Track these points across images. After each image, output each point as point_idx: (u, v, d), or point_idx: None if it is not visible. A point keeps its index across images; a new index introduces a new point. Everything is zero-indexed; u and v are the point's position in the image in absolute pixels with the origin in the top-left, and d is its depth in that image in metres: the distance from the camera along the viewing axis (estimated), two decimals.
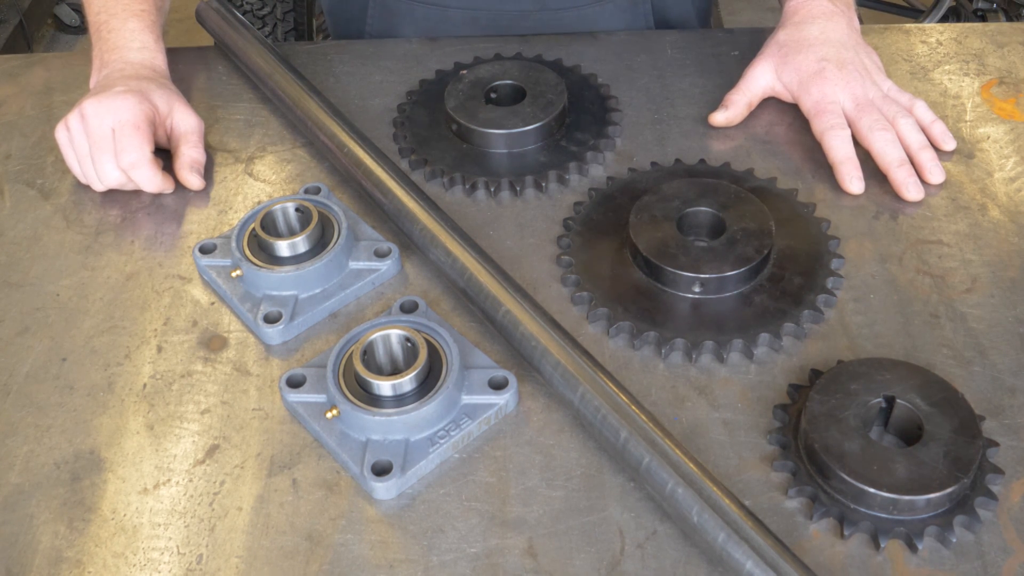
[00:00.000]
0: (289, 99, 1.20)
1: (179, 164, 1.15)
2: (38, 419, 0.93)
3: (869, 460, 0.81)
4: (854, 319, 0.97)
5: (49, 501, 0.86)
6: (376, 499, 0.85)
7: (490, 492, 0.85)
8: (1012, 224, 1.06)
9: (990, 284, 1.00)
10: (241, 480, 0.87)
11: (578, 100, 1.21)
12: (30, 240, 1.11)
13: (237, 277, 1.01)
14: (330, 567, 0.81)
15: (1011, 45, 1.29)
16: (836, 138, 1.12)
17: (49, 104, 1.30)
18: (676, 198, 1.03)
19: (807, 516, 0.82)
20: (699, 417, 0.90)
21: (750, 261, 0.97)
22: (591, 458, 0.87)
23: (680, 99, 1.24)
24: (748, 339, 0.94)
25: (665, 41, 1.33)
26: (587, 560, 0.80)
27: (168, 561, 0.82)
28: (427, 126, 1.20)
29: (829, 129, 1.12)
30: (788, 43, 1.18)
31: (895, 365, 0.87)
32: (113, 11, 1.22)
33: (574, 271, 1.02)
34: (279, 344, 0.98)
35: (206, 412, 0.93)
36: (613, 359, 0.95)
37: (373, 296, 1.03)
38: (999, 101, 1.21)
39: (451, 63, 1.29)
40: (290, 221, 1.04)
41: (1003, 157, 1.14)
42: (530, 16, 1.38)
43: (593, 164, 1.15)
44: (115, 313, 1.02)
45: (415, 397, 0.87)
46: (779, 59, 1.18)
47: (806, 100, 1.16)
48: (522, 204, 1.12)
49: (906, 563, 0.79)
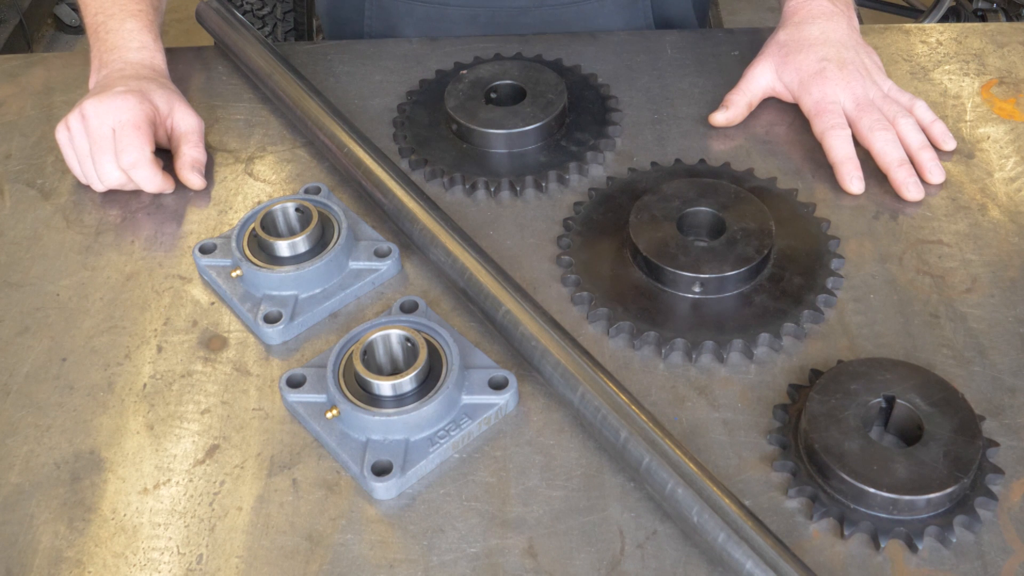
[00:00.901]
0: (289, 99, 1.20)
1: (180, 164, 1.15)
2: (38, 419, 0.93)
3: (869, 460, 0.81)
4: (854, 319, 0.97)
5: (49, 501, 0.86)
6: (376, 499, 0.85)
7: (490, 492, 0.85)
8: (1012, 224, 1.06)
9: (990, 284, 1.00)
10: (241, 480, 0.87)
11: (578, 100, 1.21)
12: (30, 240, 1.11)
13: (237, 277, 1.01)
14: (330, 567, 0.81)
15: (1011, 45, 1.29)
16: (836, 138, 1.12)
17: (49, 104, 1.30)
18: (676, 198, 1.03)
19: (807, 516, 0.82)
20: (699, 417, 0.90)
21: (750, 261, 0.97)
22: (591, 458, 0.87)
23: (680, 99, 1.24)
24: (748, 339, 0.94)
25: (665, 41, 1.33)
26: (587, 560, 0.80)
27: (168, 561, 0.82)
28: (427, 126, 1.20)
29: (829, 129, 1.12)
30: (788, 43, 1.18)
31: (895, 365, 0.87)
32: (110, 11, 1.22)
33: (574, 271, 1.02)
34: (279, 344, 0.98)
35: (206, 412, 0.93)
36: (613, 359, 0.95)
37: (373, 296, 1.03)
38: (999, 101, 1.21)
39: (451, 63, 1.29)
40: (290, 221, 1.04)
41: (1003, 157, 1.14)
42: (529, 13, 1.38)
43: (593, 164, 1.15)
44: (115, 313, 1.02)
45: (415, 397, 0.87)
46: (779, 59, 1.18)
47: (806, 100, 1.16)
48: (522, 204, 1.12)
49: (906, 563, 0.79)
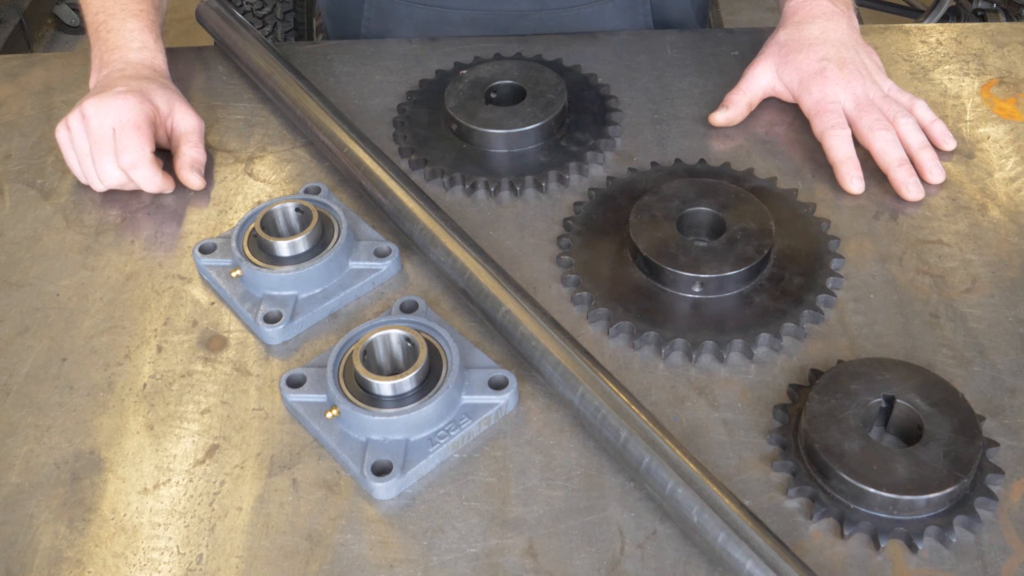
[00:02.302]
0: (289, 99, 1.20)
1: (179, 164, 1.15)
2: (38, 419, 0.93)
3: (869, 460, 0.81)
4: (854, 319, 0.97)
5: (49, 501, 0.86)
6: (376, 499, 0.85)
7: (490, 492, 0.85)
8: (1012, 224, 1.06)
9: (990, 284, 1.00)
10: (241, 480, 0.87)
11: (578, 100, 1.21)
12: (30, 240, 1.11)
13: (237, 277, 1.01)
14: (330, 567, 0.81)
15: (1011, 45, 1.29)
16: (836, 138, 1.12)
17: (49, 104, 1.29)
18: (676, 198, 1.03)
19: (807, 516, 0.82)
20: (699, 417, 0.90)
21: (750, 261, 0.97)
22: (591, 458, 0.87)
23: (680, 99, 1.24)
24: (748, 339, 0.94)
25: (665, 41, 1.33)
26: (587, 560, 0.80)
27: (168, 561, 0.82)
28: (427, 126, 1.20)
29: (830, 129, 1.12)
30: (788, 43, 1.18)
31: (895, 365, 0.87)
32: (111, 11, 1.22)
33: (574, 271, 1.02)
34: (279, 344, 0.98)
35: (206, 412, 0.93)
36: (613, 359, 0.95)
37: (373, 296, 1.03)
38: (999, 101, 1.21)
39: (451, 63, 1.29)
40: (290, 221, 1.04)
41: (1003, 157, 1.14)
42: (529, 16, 1.38)
43: (593, 164, 1.15)
44: (115, 313, 1.02)
45: (415, 397, 0.87)
46: (779, 59, 1.18)
47: (806, 100, 1.16)
48: (522, 204, 1.12)
49: (906, 563, 0.79)
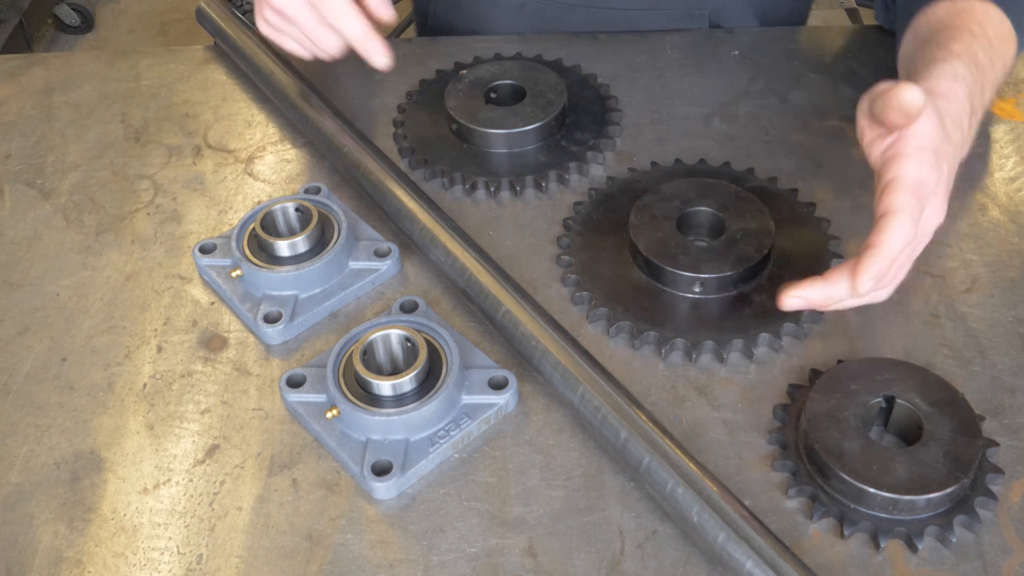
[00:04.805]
0: (289, 99, 1.20)
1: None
2: (38, 419, 0.93)
3: (869, 460, 0.81)
4: (854, 319, 0.97)
5: (49, 501, 0.86)
6: (376, 499, 0.85)
7: (490, 492, 0.85)
8: (1012, 224, 1.06)
9: (990, 284, 1.00)
10: (241, 480, 0.87)
11: (578, 100, 1.21)
12: (30, 240, 1.11)
13: (237, 277, 1.01)
14: (330, 567, 0.81)
15: None
16: (897, 230, 0.85)
17: (49, 104, 1.29)
18: (676, 198, 1.03)
19: (807, 516, 0.82)
20: (699, 417, 0.90)
21: (750, 261, 0.97)
22: (591, 458, 0.87)
23: (680, 99, 1.24)
24: (748, 339, 0.94)
25: (665, 41, 1.33)
26: (587, 560, 0.80)
27: (168, 561, 0.82)
28: (427, 126, 1.20)
29: (897, 211, 0.85)
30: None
31: (895, 365, 0.87)
32: None
33: (574, 271, 1.02)
34: (279, 344, 0.98)
35: (206, 412, 0.93)
36: (613, 359, 0.95)
37: (373, 296, 1.03)
38: (999, 101, 1.21)
39: (451, 63, 1.29)
40: (290, 221, 1.04)
41: (1003, 157, 1.14)
42: (576, 11, 1.37)
43: (593, 164, 1.15)
44: (115, 313, 1.02)
45: (415, 397, 0.87)
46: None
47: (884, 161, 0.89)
48: (522, 204, 1.12)
49: (906, 563, 0.79)
